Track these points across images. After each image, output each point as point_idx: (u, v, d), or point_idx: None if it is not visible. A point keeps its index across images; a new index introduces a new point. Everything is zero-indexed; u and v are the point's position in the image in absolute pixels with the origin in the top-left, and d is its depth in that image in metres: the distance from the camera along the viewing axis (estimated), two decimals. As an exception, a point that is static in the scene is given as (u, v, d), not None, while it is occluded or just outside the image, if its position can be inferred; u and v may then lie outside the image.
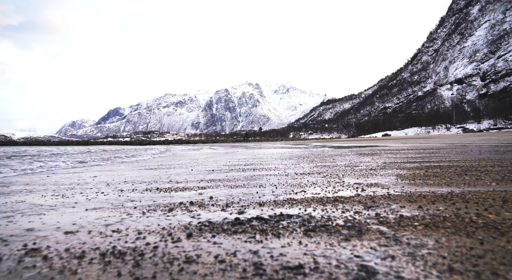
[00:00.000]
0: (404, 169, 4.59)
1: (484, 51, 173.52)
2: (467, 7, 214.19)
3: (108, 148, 28.87)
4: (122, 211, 2.18)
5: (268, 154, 11.39)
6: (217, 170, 5.52)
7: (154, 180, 4.22)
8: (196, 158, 10.12)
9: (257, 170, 5.27)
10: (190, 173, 5.01)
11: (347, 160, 7.12)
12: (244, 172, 4.92)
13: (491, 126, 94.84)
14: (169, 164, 7.47)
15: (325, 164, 5.99)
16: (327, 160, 7.18)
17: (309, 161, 7.19)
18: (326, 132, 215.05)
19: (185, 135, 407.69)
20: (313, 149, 15.47)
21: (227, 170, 5.36)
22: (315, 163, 6.53)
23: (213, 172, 5.06)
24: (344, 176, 3.91)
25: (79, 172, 5.91)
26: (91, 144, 60.85)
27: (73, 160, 9.65)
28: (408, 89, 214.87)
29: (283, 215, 1.92)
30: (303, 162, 6.79)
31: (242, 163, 7.16)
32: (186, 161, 8.45)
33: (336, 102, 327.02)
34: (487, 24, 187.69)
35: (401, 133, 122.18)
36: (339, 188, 2.98)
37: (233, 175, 4.57)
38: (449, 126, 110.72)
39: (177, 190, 3.20)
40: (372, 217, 1.84)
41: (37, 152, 18.57)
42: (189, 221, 1.86)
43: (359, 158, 7.67)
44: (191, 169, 5.85)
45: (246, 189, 3.14)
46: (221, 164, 7.08)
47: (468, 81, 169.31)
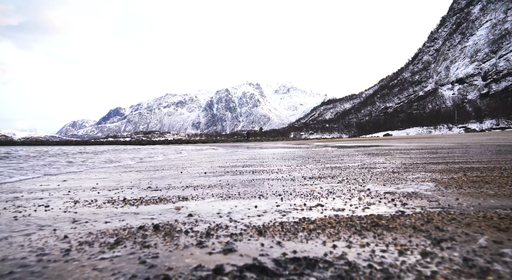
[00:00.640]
0: (434, 172, 3.79)
1: (485, 51, 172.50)
2: (468, 7, 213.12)
3: (102, 148, 28.14)
4: (32, 250, 1.36)
5: (269, 154, 10.64)
6: (210, 172, 4.74)
7: (130, 185, 3.44)
8: (192, 158, 9.34)
9: (256, 172, 4.49)
10: (178, 177, 4.23)
11: (357, 160, 6.36)
12: (241, 176, 4.14)
13: (494, 125, 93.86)
14: (156, 166, 6.68)
15: (335, 165, 5.22)
16: (335, 161, 6.41)
17: (315, 161, 6.43)
18: (327, 132, 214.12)
19: (185, 135, 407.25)
20: (315, 149, 14.73)
21: (222, 173, 4.59)
22: (322, 164, 5.77)
23: (204, 175, 4.28)
24: (365, 182, 3.13)
25: (46, 180, 5.13)
26: (90, 144, 60.05)
27: (42, 163, 8.89)
28: (409, 89, 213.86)
29: (300, 261, 1.12)
30: (309, 163, 6.02)
31: (240, 164, 6.38)
32: (179, 162, 7.67)
33: (337, 102, 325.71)
34: (488, 23, 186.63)
35: (402, 133, 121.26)
36: (367, 200, 2.20)
37: (227, 179, 3.79)
38: (451, 126, 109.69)
39: (150, 201, 2.41)
40: (462, 267, 1.05)
41: (37, 153, 17.82)
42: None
43: (370, 158, 6.91)
44: (181, 171, 5.06)
45: (242, 201, 2.36)
46: (216, 165, 6.30)
47: (469, 80, 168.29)
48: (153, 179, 4.06)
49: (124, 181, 3.89)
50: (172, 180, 3.81)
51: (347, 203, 2.14)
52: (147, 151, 16.15)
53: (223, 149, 18.91)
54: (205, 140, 61.25)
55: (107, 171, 5.63)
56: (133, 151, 17.10)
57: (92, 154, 13.42)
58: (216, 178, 3.90)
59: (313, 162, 6.24)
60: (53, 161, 9.03)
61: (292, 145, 25.03)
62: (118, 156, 11.68)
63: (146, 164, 7.47)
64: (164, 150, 18.65)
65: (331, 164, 5.69)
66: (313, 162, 6.36)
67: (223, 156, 10.21)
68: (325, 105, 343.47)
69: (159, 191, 2.96)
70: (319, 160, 6.93)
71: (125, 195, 2.77)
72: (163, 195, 2.68)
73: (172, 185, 3.37)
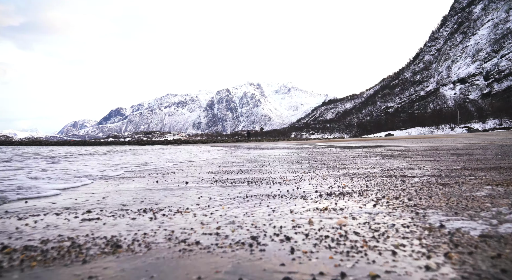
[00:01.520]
0: (502, 184, 2.73)
1: (487, 50, 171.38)
2: (469, 6, 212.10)
3: (86, 149, 27.13)
4: None
5: (269, 155, 9.57)
6: (193, 181, 3.67)
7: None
8: (180, 161, 8.28)
9: (253, 183, 3.41)
10: (142, 189, 3.17)
11: (375, 164, 5.30)
12: (232, 188, 3.06)
13: (497, 125, 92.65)
14: (134, 171, 5.60)
15: (352, 172, 4.14)
16: (349, 165, 5.34)
17: (324, 166, 5.34)
18: (327, 132, 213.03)
19: (186, 135, 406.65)
20: (319, 149, 13.68)
21: (208, 183, 3.50)
22: (335, 169, 4.69)
23: (185, 187, 3.22)
24: (417, 204, 2.04)
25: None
26: (88, 144, 59.03)
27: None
28: (410, 89, 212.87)
29: None
30: (318, 168, 4.94)
31: (234, 169, 5.30)
32: (163, 167, 6.60)
33: (338, 102, 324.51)
34: (490, 23, 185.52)
35: (404, 132, 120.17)
36: (459, 259, 1.17)
37: (211, 195, 2.70)
38: (453, 126, 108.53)
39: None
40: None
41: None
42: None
43: (389, 161, 5.85)
44: (156, 180, 3.97)
45: (212, 258, 1.26)
46: (205, 170, 5.20)
47: (471, 80, 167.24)
48: (106, 198, 2.99)
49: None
50: (127, 198, 2.74)
51: (432, 272, 1.07)
52: (127, 156, 15.07)
53: (219, 149, 17.84)
54: (205, 140, 60.17)
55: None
56: (117, 154, 16.07)
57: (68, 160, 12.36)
58: (196, 194, 2.82)
59: (322, 167, 5.17)
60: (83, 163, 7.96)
61: (294, 145, 24.07)
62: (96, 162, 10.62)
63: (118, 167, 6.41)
64: (156, 152, 17.63)
65: (346, 169, 4.61)
66: (323, 166, 5.28)
67: (216, 158, 9.14)
68: (326, 105, 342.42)
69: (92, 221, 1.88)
70: (328, 163, 5.87)
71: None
72: (85, 243, 1.60)
73: (119, 209, 2.27)
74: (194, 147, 25.47)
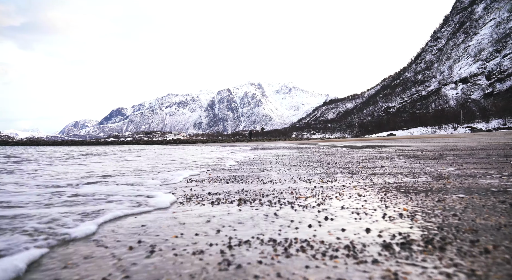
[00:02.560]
0: None
1: (489, 50, 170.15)
2: (471, 6, 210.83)
3: (97, 149, 25.98)
4: None
5: (271, 156, 8.37)
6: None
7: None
8: (162, 165, 7.09)
9: (249, 202, 2.22)
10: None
11: (408, 168, 4.13)
12: (216, 211, 1.86)
13: (500, 125, 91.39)
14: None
15: (390, 181, 2.94)
16: (375, 170, 4.13)
17: (346, 171, 4.14)
18: (329, 132, 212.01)
19: (187, 135, 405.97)
20: (325, 149, 12.49)
21: (185, 199, 2.35)
22: (363, 176, 3.47)
23: (151, 212, 2.06)
24: None
25: None
26: (86, 144, 57.92)
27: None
28: (411, 89, 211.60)
29: None
30: (338, 174, 3.72)
31: (226, 176, 4.12)
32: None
33: (339, 102, 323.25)
34: (492, 22, 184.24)
35: (406, 132, 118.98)
36: None
37: (176, 239, 1.53)
38: (456, 126, 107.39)
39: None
40: None
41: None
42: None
43: (423, 164, 4.64)
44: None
45: None
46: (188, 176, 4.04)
47: (473, 80, 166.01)
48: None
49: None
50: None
51: None
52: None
53: (214, 149, 16.62)
54: (204, 140, 59.01)
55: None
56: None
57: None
58: (151, 239, 1.63)
59: (342, 172, 3.99)
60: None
61: (296, 145, 22.96)
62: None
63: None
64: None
65: (378, 176, 3.42)
66: (342, 171, 4.10)
67: (209, 160, 7.94)
68: (327, 105, 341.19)
69: None
70: (347, 167, 4.68)
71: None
72: None
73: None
74: (199, 147, 24.29)
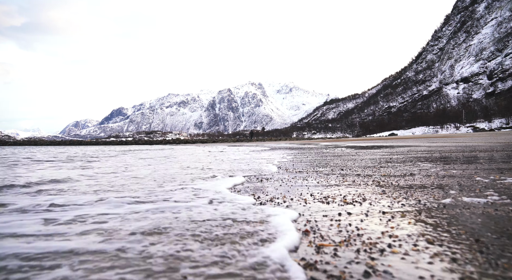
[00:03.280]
0: None
1: (491, 49, 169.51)
2: (472, 5, 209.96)
3: (105, 149, 25.76)
4: None
5: (275, 158, 8.06)
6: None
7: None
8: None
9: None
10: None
11: (450, 177, 3.51)
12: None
13: (503, 124, 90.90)
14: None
15: (448, 203, 2.55)
16: (403, 178, 3.57)
17: (371, 182, 3.44)
18: (329, 131, 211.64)
19: (187, 135, 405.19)
20: (328, 150, 12.16)
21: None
22: (406, 193, 2.90)
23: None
24: None
25: None
26: (85, 144, 57.65)
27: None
28: (413, 88, 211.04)
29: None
30: (365, 187, 3.14)
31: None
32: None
33: (340, 101, 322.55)
34: (493, 21, 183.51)
35: (407, 132, 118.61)
36: None
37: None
38: (458, 125, 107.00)
39: None
40: None
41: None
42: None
43: (463, 171, 3.96)
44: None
45: None
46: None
47: (474, 79, 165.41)
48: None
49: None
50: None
51: None
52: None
53: (207, 150, 16.33)
54: (204, 140, 58.68)
55: None
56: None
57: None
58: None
59: (366, 183, 3.36)
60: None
61: (297, 145, 22.64)
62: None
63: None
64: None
65: (420, 192, 2.76)
66: (364, 181, 3.52)
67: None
68: (328, 105, 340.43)
69: None
70: (367, 175, 4.02)
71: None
72: None
73: None
74: (205, 148, 24.02)
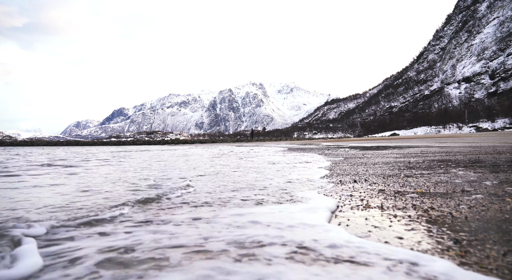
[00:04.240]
0: None
1: (493, 49, 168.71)
2: (474, 4, 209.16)
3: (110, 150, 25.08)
4: None
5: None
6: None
7: None
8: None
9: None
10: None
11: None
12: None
13: (507, 124, 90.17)
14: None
15: None
16: (452, 196, 2.82)
17: (401, 203, 2.75)
18: (330, 131, 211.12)
19: (188, 135, 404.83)
20: (331, 151, 11.46)
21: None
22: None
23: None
24: None
25: None
26: (82, 144, 57.11)
27: None
28: (414, 88, 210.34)
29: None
30: (394, 210, 2.21)
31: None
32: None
33: (341, 101, 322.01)
34: (495, 21, 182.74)
35: (409, 132, 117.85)
36: None
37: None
38: (460, 125, 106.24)
39: None
40: None
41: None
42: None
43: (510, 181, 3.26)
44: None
45: None
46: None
47: (476, 79, 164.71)
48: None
49: None
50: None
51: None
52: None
53: (207, 149, 15.64)
54: (203, 140, 58.05)
55: None
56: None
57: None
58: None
59: (396, 205, 2.56)
60: None
61: (298, 145, 21.95)
62: None
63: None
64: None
65: None
66: (391, 201, 2.86)
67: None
68: (329, 105, 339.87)
69: None
70: (392, 190, 3.36)
71: None
72: None
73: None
74: (205, 148, 23.36)
